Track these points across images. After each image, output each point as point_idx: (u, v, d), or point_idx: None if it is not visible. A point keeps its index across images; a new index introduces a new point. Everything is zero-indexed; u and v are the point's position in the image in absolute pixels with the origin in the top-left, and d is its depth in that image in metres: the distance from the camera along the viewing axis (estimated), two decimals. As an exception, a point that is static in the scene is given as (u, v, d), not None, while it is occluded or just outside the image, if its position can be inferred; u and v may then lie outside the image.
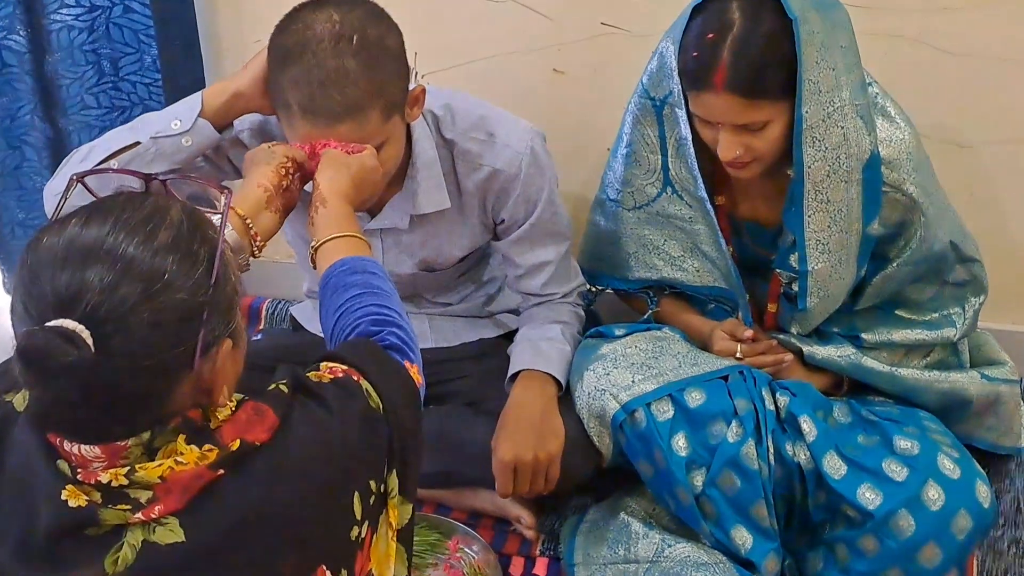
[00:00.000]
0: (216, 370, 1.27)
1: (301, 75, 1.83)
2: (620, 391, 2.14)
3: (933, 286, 2.22)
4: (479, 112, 2.17)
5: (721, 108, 1.94)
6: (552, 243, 2.25)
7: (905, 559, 1.98)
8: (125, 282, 1.17)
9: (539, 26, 2.56)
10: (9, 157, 2.91)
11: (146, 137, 2.01)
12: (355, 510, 1.38)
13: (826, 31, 1.92)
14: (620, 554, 2.18)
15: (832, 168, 1.98)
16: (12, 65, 2.80)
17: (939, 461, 2.01)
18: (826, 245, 2.06)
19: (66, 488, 1.23)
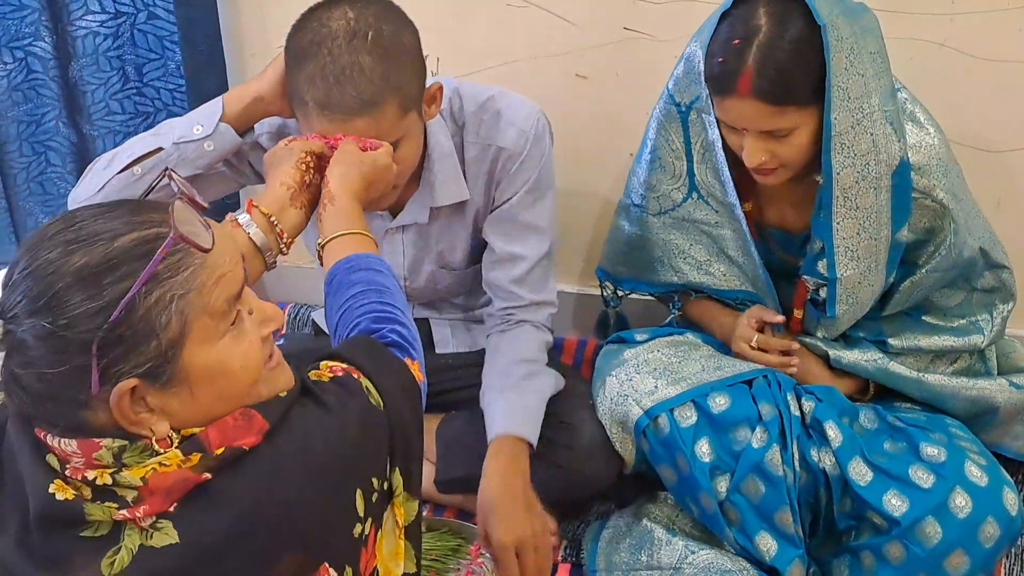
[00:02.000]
0: (121, 404, 1.22)
1: (316, 71, 1.84)
2: (643, 397, 2.14)
3: (961, 292, 2.21)
4: (486, 94, 2.17)
5: (746, 114, 1.93)
6: (532, 237, 2.21)
7: (932, 567, 1.97)
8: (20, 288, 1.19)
9: (562, 31, 2.56)
10: (34, 163, 2.93)
11: (169, 143, 2.02)
12: (357, 507, 1.38)
13: (855, 37, 1.90)
14: (643, 560, 2.18)
15: (861, 174, 1.96)
16: (37, 71, 2.81)
17: (966, 468, 2.00)
18: (855, 252, 2.04)
19: (54, 482, 1.24)
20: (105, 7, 2.70)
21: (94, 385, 1.19)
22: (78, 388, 1.20)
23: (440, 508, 2.40)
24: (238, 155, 2.10)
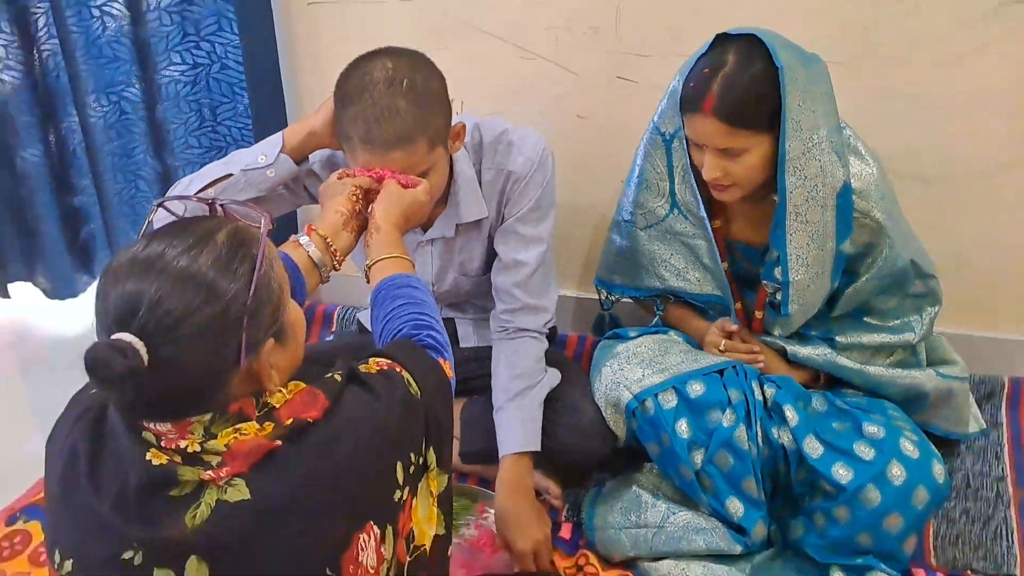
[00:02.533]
0: (262, 364, 1.30)
1: (360, 112, 1.85)
2: (632, 384, 2.16)
3: (896, 297, 2.21)
4: (500, 128, 2.18)
5: (706, 131, 1.96)
6: (534, 247, 2.21)
7: (873, 526, 1.97)
8: (172, 296, 1.20)
9: (565, 79, 2.56)
10: (125, 188, 2.92)
11: (237, 170, 2.04)
12: (398, 476, 1.40)
13: (808, 79, 1.92)
14: (632, 520, 2.18)
15: (810, 194, 1.98)
16: (128, 112, 2.81)
17: (901, 444, 2.00)
18: (805, 259, 2.05)
19: (150, 451, 1.25)
20: (185, 59, 2.70)
21: (243, 357, 1.25)
22: (221, 369, 1.25)
23: (463, 476, 2.40)
24: (295, 180, 2.11)
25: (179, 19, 2.65)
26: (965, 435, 2.43)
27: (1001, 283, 2.58)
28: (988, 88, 2.33)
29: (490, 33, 2.54)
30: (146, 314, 1.18)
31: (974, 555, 2.17)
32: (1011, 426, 2.53)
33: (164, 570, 1.25)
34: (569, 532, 2.26)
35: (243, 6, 2.58)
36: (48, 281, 3.14)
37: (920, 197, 2.40)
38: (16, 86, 2.79)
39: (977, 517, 2.27)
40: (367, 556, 1.34)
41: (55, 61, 2.79)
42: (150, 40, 2.66)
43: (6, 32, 2.72)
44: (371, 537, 1.35)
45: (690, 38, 2.04)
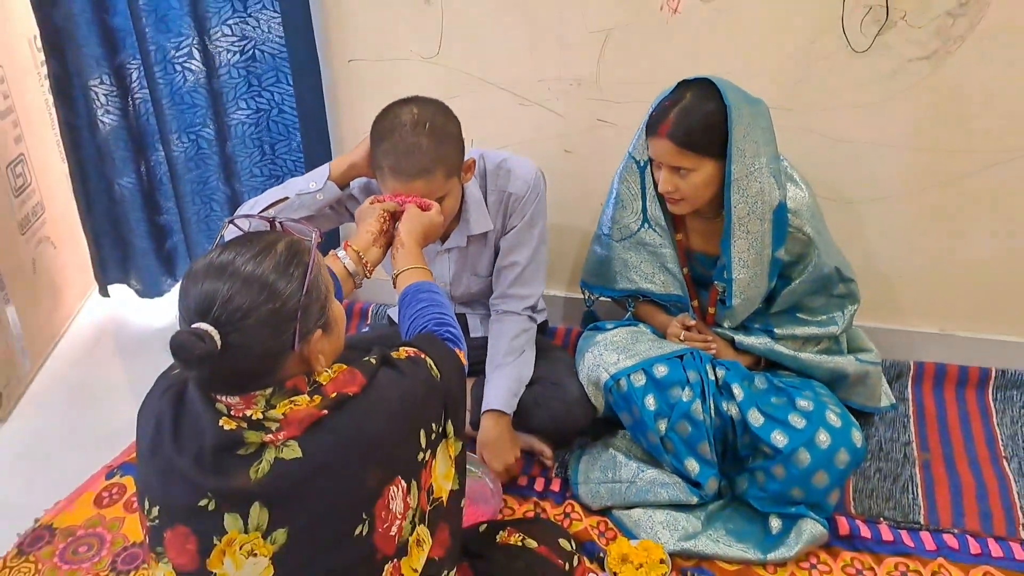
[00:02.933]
0: (312, 350, 1.34)
1: (390, 148, 1.89)
2: (610, 366, 2.17)
3: (823, 297, 2.23)
4: (501, 157, 2.21)
5: (662, 150, 2.00)
6: (526, 247, 2.24)
7: (803, 482, 2.01)
8: (241, 294, 1.25)
9: (554, 121, 2.57)
10: (202, 209, 2.93)
11: (293, 194, 2.08)
12: (421, 441, 1.42)
13: (751, 116, 1.96)
14: (609, 476, 2.20)
15: (751, 209, 2.01)
16: (204, 148, 2.82)
17: (827, 415, 2.03)
18: (745, 261, 2.08)
19: (222, 419, 1.29)
20: (250, 105, 2.71)
21: (297, 343, 1.30)
22: (279, 352, 1.30)
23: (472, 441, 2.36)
24: (338, 202, 2.13)
25: (245, 73, 2.66)
26: (877, 408, 2.44)
27: (906, 285, 2.60)
28: (893, 129, 2.35)
29: (495, 85, 2.56)
30: (219, 308, 1.23)
31: (886, 505, 2.18)
32: (915, 401, 2.55)
33: (232, 514, 1.28)
34: (558, 486, 2.25)
35: (296, 63, 2.59)
36: (139, 283, 3.14)
37: (841, 215, 2.42)
38: (114, 127, 2.81)
39: (888, 475, 2.28)
40: (396, 504, 1.36)
41: (146, 107, 2.81)
42: (222, 90, 2.68)
43: (106, 83, 2.73)
44: (399, 489, 1.37)
45: (656, 89, 2.05)
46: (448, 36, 2.51)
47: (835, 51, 2.27)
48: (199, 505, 1.29)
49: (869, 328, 2.50)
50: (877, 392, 2.44)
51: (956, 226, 2.46)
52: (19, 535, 2.12)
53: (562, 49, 2.45)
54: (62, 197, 3.04)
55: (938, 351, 2.64)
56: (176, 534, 1.31)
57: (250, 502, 1.28)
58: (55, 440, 2.54)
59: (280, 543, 1.28)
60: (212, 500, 1.29)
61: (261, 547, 1.28)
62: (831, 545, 2.06)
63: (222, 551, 1.29)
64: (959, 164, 2.36)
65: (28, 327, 2.80)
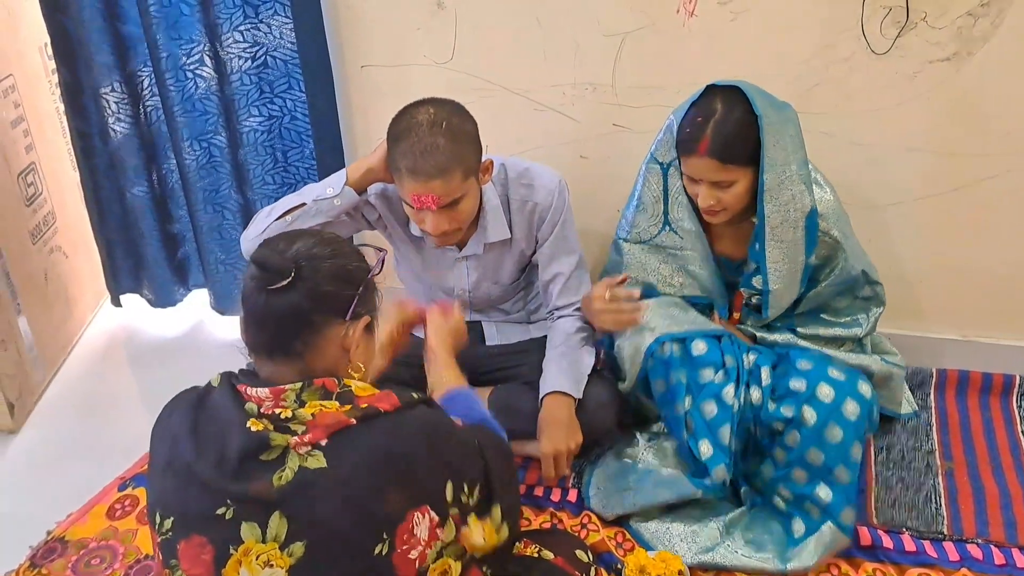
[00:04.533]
0: (354, 337, 1.42)
1: (408, 148, 1.90)
2: (656, 329, 2.15)
3: (848, 299, 2.23)
4: (523, 166, 2.21)
5: (702, 168, 1.98)
6: (564, 257, 2.26)
7: (817, 440, 1.99)
8: (318, 248, 1.39)
9: (570, 126, 2.58)
10: (214, 218, 2.94)
11: (309, 200, 2.09)
12: (447, 495, 1.41)
13: (780, 123, 1.96)
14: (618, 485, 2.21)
15: (784, 218, 2.01)
16: (216, 156, 2.83)
17: (828, 371, 2.03)
18: (781, 272, 2.08)
19: (250, 420, 1.32)
20: (262, 112, 2.72)
21: (348, 314, 1.39)
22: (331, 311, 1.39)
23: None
24: (355, 208, 2.14)
25: (257, 80, 2.67)
26: (897, 413, 2.43)
27: (927, 290, 2.59)
28: (913, 132, 2.35)
29: (509, 90, 2.56)
30: (300, 250, 1.38)
31: (908, 515, 2.16)
32: (938, 409, 2.53)
33: (251, 523, 1.28)
34: (575, 497, 2.24)
35: (308, 69, 2.60)
36: (152, 293, 3.16)
37: (860, 219, 2.40)
38: (126, 135, 2.83)
39: (911, 484, 2.26)
40: (421, 530, 1.35)
41: (157, 114, 2.82)
42: (234, 97, 2.69)
43: (118, 91, 2.75)
44: (425, 517, 1.36)
45: (671, 93, 2.07)
46: (461, 41, 2.52)
47: (854, 53, 2.27)
48: (217, 513, 1.29)
49: (892, 335, 2.49)
50: (898, 396, 2.43)
51: (977, 230, 2.45)
52: (31, 548, 2.13)
53: (577, 53, 2.46)
54: (74, 206, 3.06)
55: (960, 358, 2.63)
56: (191, 544, 1.31)
57: (270, 511, 1.28)
58: (67, 451, 2.55)
59: (297, 556, 1.28)
60: (230, 508, 1.29)
61: (278, 559, 1.28)
62: (852, 556, 2.05)
63: (238, 561, 1.29)
64: (980, 167, 2.36)
65: (40, 337, 2.82)
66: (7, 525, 2.26)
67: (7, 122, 2.68)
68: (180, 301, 3.22)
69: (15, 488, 2.43)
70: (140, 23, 2.62)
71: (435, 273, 2.34)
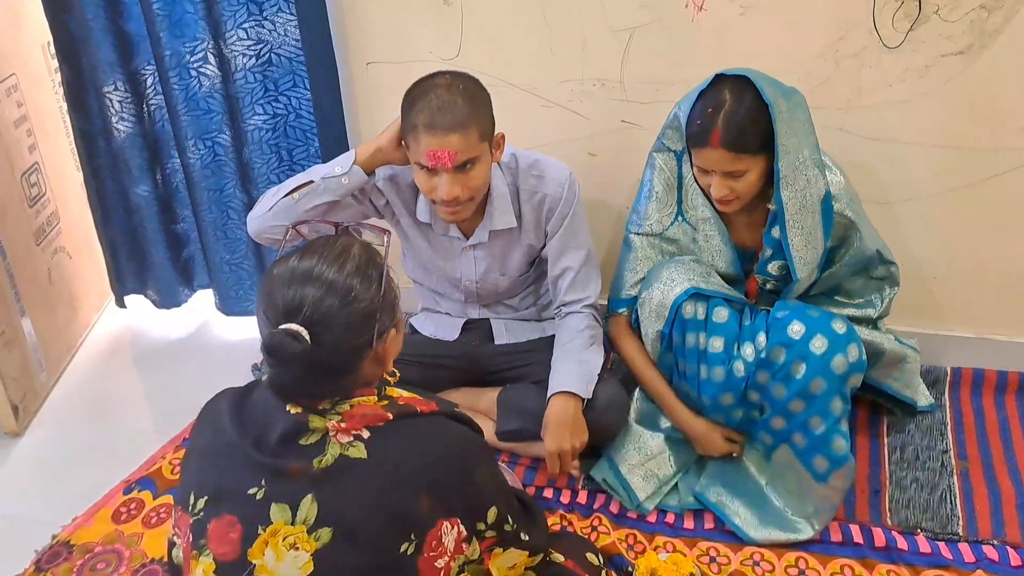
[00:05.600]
0: (387, 347, 1.44)
1: (425, 105, 1.95)
2: (685, 281, 2.12)
3: (862, 279, 2.25)
4: (533, 158, 2.23)
5: (715, 160, 1.98)
6: (574, 251, 2.27)
7: (803, 393, 2.00)
8: (328, 297, 1.33)
9: (579, 123, 2.58)
10: (219, 217, 2.94)
11: (318, 177, 2.12)
12: (487, 516, 1.48)
13: (790, 110, 1.96)
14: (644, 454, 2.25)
15: (802, 204, 2.01)
16: (221, 154, 2.83)
17: (832, 323, 1.99)
18: (805, 259, 2.08)
19: (288, 404, 1.37)
20: (267, 111, 2.72)
21: (374, 343, 1.38)
22: (361, 349, 1.37)
23: (498, 452, 2.39)
24: (362, 191, 2.17)
25: (261, 77, 2.67)
26: (915, 403, 2.43)
27: (941, 287, 2.58)
28: (926, 127, 2.34)
29: (517, 86, 2.56)
30: (310, 309, 1.32)
31: (923, 516, 2.16)
32: (953, 407, 2.52)
33: (281, 505, 1.32)
34: (585, 497, 2.25)
35: (313, 67, 2.60)
36: (156, 294, 3.16)
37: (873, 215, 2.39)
38: (129, 134, 2.83)
39: (925, 484, 2.25)
40: (448, 540, 1.39)
41: (161, 113, 2.83)
42: (238, 95, 2.69)
43: (121, 90, 2.75)
44: (454, 528, 1.40)
45: (681, 89, 2.06)
46: (468, 37, 2.52)
47: (866, 47, 2.26)
48: (249, 492, 1.33)
49: (906, 332, 2.48)
50: (914, 382, 2.44)
51: (992, 226, 2.44)
52: (36, 552, 2.14)
53: (585, 49, 2.45)
54: (77, 206, 3.07)
55: (975, 356, 2.62)
56: (221, 523, 1.34)
57: (303, 494, 1.32)
58: (72, 454, 2.56)
59: (324, 541, 1.31)
60: (263, 489, 1.33)
61: (304, 542, 1.31)
62: (866, 557, 2.04)
63: (264, 542, 1.32)
64: (994, 162, 2.35)
65: (44, 339, 2.83)
66: (12, 529, 2.27)
67: (10, 122, 2.69)
68: (185, 302, 3.23)
69: (20, 492, 2.43)
70: (143, 21, 2.62)
71: (443, 263, 2.35)
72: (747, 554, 2.08)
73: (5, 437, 2.63)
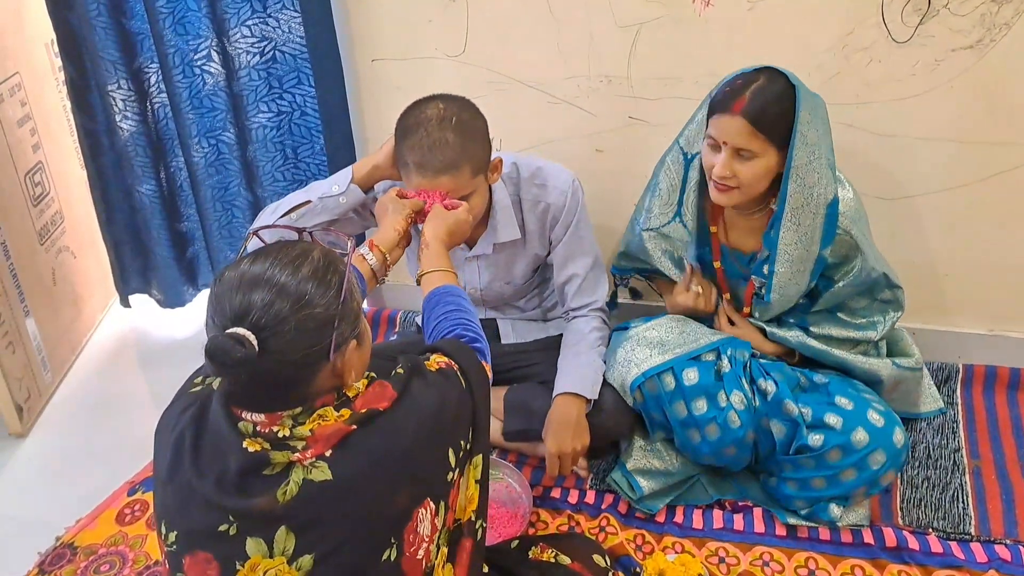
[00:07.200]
0: (345, 361, 1.33)
1: (416, 143, 1.92)
2: (641, 362, 2.15)
3: (866, 299, 2.21)
4: (536, 165, 2.22)
5: (732, 129, 1.96)
6: (580, 258, 2.27)
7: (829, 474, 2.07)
8: (279, 301, 1.25)
9: (585, 120, 2.57)
10: (223, 216, 2.94)
11: (315, 197, 2.10)
12: (451, 460, 1.43)
13: (814, 106, 1.97)
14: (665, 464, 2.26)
15: (806, 200, 2.00)
16: (225, 153, 2.84)
17: (868, 413, 2.05)
18: (791, 257, 2.06)
19: (246, 440, 1.29)
20: (271, 108, 2.72)
21: (331, 355, 1.29)
22: (315, 362, 1.29)
23: (505, 453, 2.40)
24: (363, 206, 2.15)
25: (265, 75, 2.67)
26: (915, 414, 2.45)
27: (953, 284, 2.57)
28: (937, 121, 2.33)
29: (523, 83, 2.56)
30: (258, 313, 1.24)
31: (935, 516, 2.16)
32: (965, 405, 2.52)
33: (256, 539, 1.28)
34: (593, 498, 2.26)
35: (318, 64, 2.59)
36: (161, 293, 3.17)
37: (884, 212, 2.40)
38: (133, 132, 2.83)
39: (937, 483, 2.26)
40: (424, 527, 1.37)
41: (164, 111, 2.83)
42: (242, 93, 2.70)
43: (124, 88, 2.76)
44: (427, 511, 1.38)
45: (688, 85, 2.07)
46: (474, 33, 2.52)
47: (875, 42, 2.26)
48: (219, 530, 1.29)
49: (915, 329, 2.49)
50: (914, 397, 2.44)
51: (1005, 221, 2.44)
52: (40, 554, 2.15)
53: (592, 45, 2.45)
54: (81, 205, 3.08)
55: (988, 353, 2.62)
56: (196, 560, 1.31)
57: (276, 526, 1.28)
58: (77, 455, 2.57)
59: (306, 569, 1.29)
60: (233, 525, 1.29)
61: (286, 572, 1.28)
62: (877, 557, 2.05)
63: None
64: (1007, 157, 2.34)
65: (48, 339, 2.83)
66: (16, 530, 2.28)
67: (13, 121, 2.69)
68: (190, 301, 3.23)
69: (24, 493, 2.44)
70: (146, 19, 2.62)
71: None
72: (756, 554, 2.08)
73: (9, 438, 2.64)
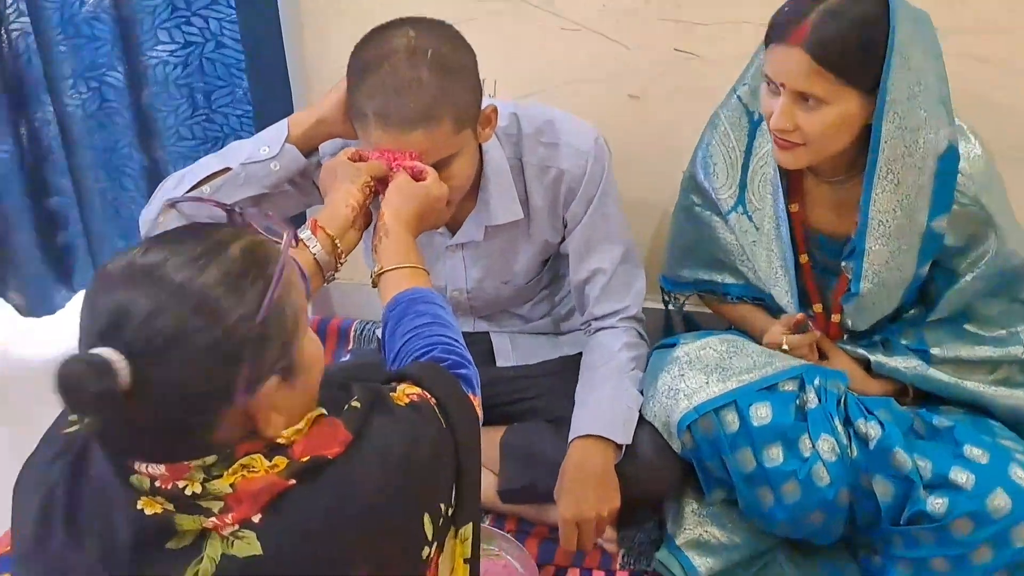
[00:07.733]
0: (260, 405, 1.26)
1: (377, 84, 1.84)
2: (692, 393, 2.12)
3: (1003, 301, 2.17)
4: (544, 117, 2.17)
5: (789, 65, 1.90)
6: (605, 246, 2.24)
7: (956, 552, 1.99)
8: (166, 314, 1.16)
9: (614, 54, 2.56)
10: (108, 188, 2.95)
11: (236, 163, 2.03)
12: (426, 530, 1.39)
13: (919, 19, 1.91)
14: None
15: (908, 149, 1.94)
16: (111, 100, 2.83)
17: (1010, 469, 1.97)
18: (888, 228, 2.01)
19: (141, 499, 1.23)
20: (175, 37, 2.71)
21: (238, 394, 1.21)
22: (207, 407, 1.22)
23: (501, 518, 2.37)
24: (303, 175, 2.09)
25: (167, -10, 2.66)
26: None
27: None
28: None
29: (528, 3, 2.54)
30: (135, 330, 1.15)
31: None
32: None
33: None
34: (627, 583, 2.22)
35: (239, -25, 2.59)
36: (21, 296, 3.15)
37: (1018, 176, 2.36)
38: (-22, 71, 2.80)
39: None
40: None
41: (25, 42, 2.79)
42: (135, 16, 2.69)
43: (-36, 8, 2.74)
44: None
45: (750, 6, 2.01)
46: (462, -66, 2.50)
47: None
48: None
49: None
50: None
51: None
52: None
53: (624, -50, 2.43)
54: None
55: None
56: None
57: None
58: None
59: None
60: None
61: None
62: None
63: None
64: None
65: None
66: None
67: None
68: (62, 307, 3.21)
69: None
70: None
71: None
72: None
73: None
